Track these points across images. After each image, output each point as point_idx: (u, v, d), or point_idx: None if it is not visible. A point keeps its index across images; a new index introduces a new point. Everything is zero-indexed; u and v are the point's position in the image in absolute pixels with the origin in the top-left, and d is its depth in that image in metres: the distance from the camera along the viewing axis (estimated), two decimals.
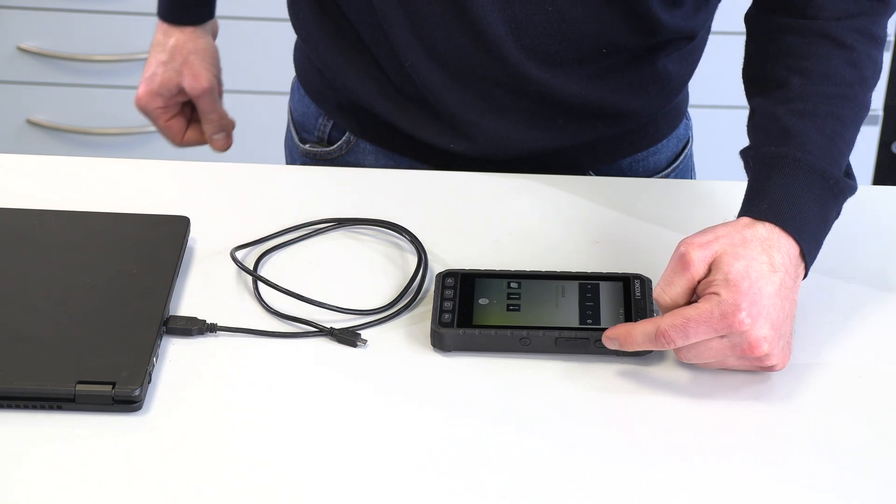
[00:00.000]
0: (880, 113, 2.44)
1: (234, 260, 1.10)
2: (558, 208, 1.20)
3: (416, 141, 1.30)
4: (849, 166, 1.10)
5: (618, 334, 1.00)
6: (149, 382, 0.98)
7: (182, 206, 1.17)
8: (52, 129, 2.50)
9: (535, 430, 0.96)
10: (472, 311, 1.04)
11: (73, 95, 2.47)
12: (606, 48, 1.22)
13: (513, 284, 1.06)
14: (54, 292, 1.05)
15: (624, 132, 1.30)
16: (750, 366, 0.99)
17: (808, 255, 1.03)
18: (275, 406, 0.97)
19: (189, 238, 1.13)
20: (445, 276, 1.07)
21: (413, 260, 1.12)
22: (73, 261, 1.09)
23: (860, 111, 1.11)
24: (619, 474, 0.92)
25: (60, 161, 1.28)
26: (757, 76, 1.16)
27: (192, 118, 1.43)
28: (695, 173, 1.41)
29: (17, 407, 0.96)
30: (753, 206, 1.04)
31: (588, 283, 1.07)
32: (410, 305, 1.07)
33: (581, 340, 1.01)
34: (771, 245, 1.01)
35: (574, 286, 1.06)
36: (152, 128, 2.21)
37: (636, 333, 0.99)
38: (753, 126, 1.13)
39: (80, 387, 0.95)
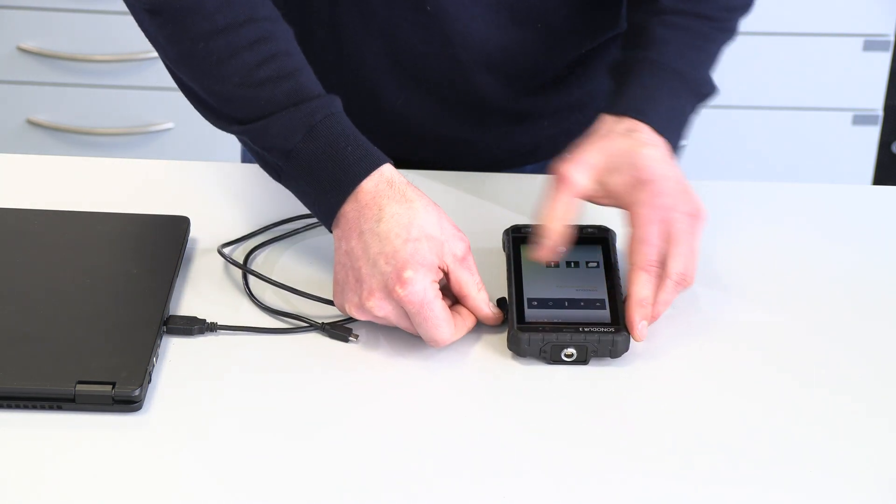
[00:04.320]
0: (880, 113, 2.44)
1: (223, 256, 1.11)
2: None
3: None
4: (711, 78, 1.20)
5: (647, 317, 1.02)
6: (149, 382, 0.98)
7: (182, 206, 1.17)
8: (52, 129, 2.50)
9: (532, 426, 0.96)
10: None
11: (73, 95, 2.47)
12: (591, 46, 1.26)
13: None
14: (54, 292, 1.05)
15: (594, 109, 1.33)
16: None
17: (672, 146, 1.10)
18: (274, 404, 0.97)
19: (189, 238, 1.13)
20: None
21: None
22: (73, 261, 1.09)
23: (725, 34, 1.20)
24: (618, 472, 0.92)
25: (60, 161, 1.28)
26: None
27: None
28: None
29: (17, 407, 0.96)
30: (612, 106, 1.12)
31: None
32: None
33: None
34: (634, 130, 1.08)
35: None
36: (152, 127, 2.19)
37: (661, 305, 1.03)
38: (625, 37, 1.20)
39: (80, 387, 0.95)
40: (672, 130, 1.11)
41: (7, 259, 1.09)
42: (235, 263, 1.10)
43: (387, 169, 1.04)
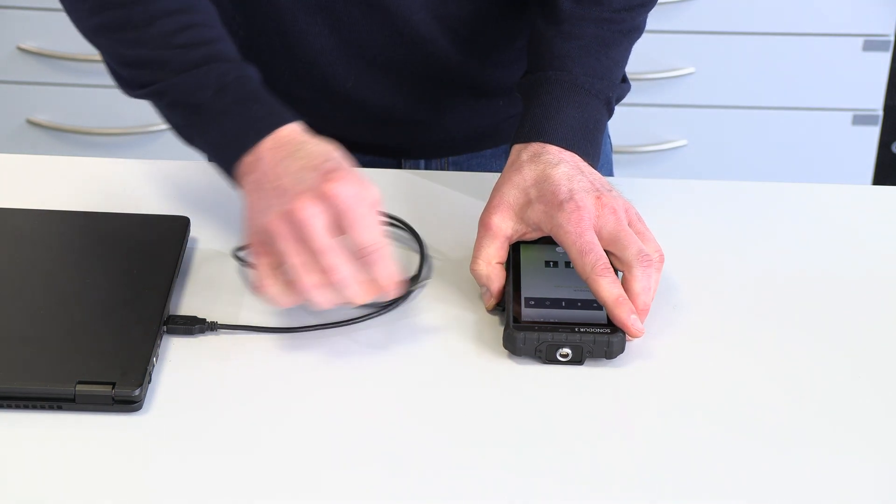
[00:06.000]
0: (880, 113, 2.44)
1: (238, 259, 1.11)
2: None
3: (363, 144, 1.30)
4: (624, 75, 1.20)
5: (633, 312, 1.01)
6: (149, 382, 0.98)
7: (182, 206, 1.17)
8: (52, 129, 2.50)
9: (527, 425, 0.96)
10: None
11: (73, 95, 2.47)
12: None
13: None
14: (54, 292, 1.05)
15: None
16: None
17: (585, 156, 1.09)
18: (274, 404, 0.97)
19: (189, 238, 1.13)
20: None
21: (411, 254, 1.12)
22: (73, 261, 1.09)
23: (630, 34, 1.18)
24: (612, 473, 0.92)
25: (60, 161, 1.28)
26: None
27: None
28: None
29: (17, 407, 0.96)
30: (517, 134, 1.11)
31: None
32: (407, 298, 1.08)
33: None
34: (540, 153, 1.08)
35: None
36: (152, 127, 2.19)
37: (643, 295, 1.01)
38: (529, 48, 1.18)
39: (80, 387, 0.95)
40: (582, 141, 1.10)
41: (7, 259, 1.09)
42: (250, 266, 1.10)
43: (302, 126, 1.03)
